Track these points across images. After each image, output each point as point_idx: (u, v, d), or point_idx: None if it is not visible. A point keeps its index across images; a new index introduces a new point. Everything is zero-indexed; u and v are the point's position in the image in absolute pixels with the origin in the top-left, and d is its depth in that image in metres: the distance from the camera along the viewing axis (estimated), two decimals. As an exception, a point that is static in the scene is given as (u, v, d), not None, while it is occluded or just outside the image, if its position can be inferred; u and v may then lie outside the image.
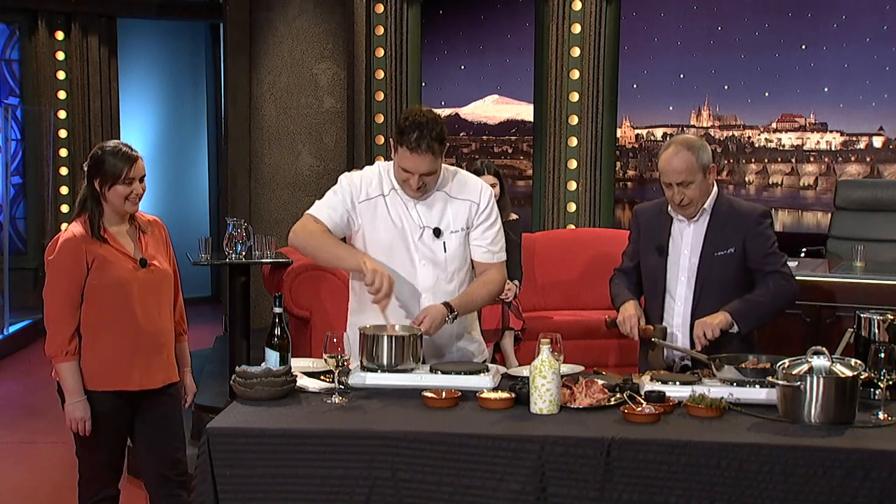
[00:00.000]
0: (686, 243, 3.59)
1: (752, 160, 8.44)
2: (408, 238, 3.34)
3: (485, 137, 9.08)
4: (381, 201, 3.35)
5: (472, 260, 3.45)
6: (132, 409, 3.48)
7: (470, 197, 3.40)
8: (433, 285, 3.35)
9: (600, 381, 3.03)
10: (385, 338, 3.13)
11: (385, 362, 3.12)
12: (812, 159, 8.22)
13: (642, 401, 2.89)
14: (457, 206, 3.38)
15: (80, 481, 3.51)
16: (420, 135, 3.18)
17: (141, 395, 3.47)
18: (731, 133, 8.45)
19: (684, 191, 3.48)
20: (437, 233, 3.35)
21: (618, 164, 8.35)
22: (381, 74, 7.94)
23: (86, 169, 3.40)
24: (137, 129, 10.31)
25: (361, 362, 3.17)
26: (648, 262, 3.67)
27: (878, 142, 7.97)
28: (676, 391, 2.96)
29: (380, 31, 7.91)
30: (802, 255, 6.21)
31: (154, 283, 3.45)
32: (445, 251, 3.36)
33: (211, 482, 2.72)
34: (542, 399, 2.84)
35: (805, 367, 2.79)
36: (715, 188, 3.58)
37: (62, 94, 9.81)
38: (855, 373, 2.78)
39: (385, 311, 3.22)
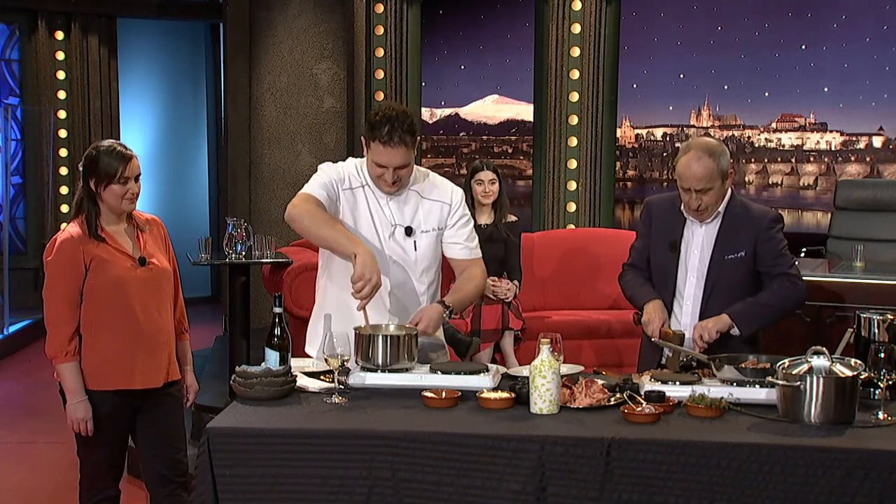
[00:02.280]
0: (697, 244, 3.57)
1: (752, 160, 8.44)
2: (378, 235, 3.34)
3: (485, 137, 9.08)
4: (360, 192, 3.37)
5: (444, 260, 3.45)
6: (133, 408, 3.48)
7: (441, 198, 3.41)
8: (401, 284, 3.35)
9: (600, 381, 3.03)
10: (380, 338, 3.12)
11: (380, 362, 3.11)
12: (812, 159, 8.22)
13: (642, 401, 2.89)
14: (429, 206, 3.39)
15: (81, 481, 3.50)
16: (392, 128, 3.19)
17: (142, 395, 3.47)
18: (730, 133, 8.45)
19: (702, 196, 3.45)
20: (409, 231, 3.36)
21: (618, 164, 8.35)
22: (380, 74, 7.94)
23: (81, 169, 3.40)
24: (137, 129, 10.31)
25: (357, 362, 3.15)
26: (659, 258, 3.65)
27: (877, 142, 7.97)
28: (676, 391, 2.95)
29: (380, 30, 7.91)
30: (802, 255, 6.21)
31: (153, 281, 3.45)
32: (416, 250, 3.36)
33: (211, 482, 2.72)
34: (542, 399, 2.84)
35: (805, 366, 2.79)
36: (729, 190, 3.57)
37: (62, 94, 9.81)
38: (855, 373, 2.78)
39: (361, 310, 3.15)
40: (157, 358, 3.46)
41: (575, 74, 7.68)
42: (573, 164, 7.74)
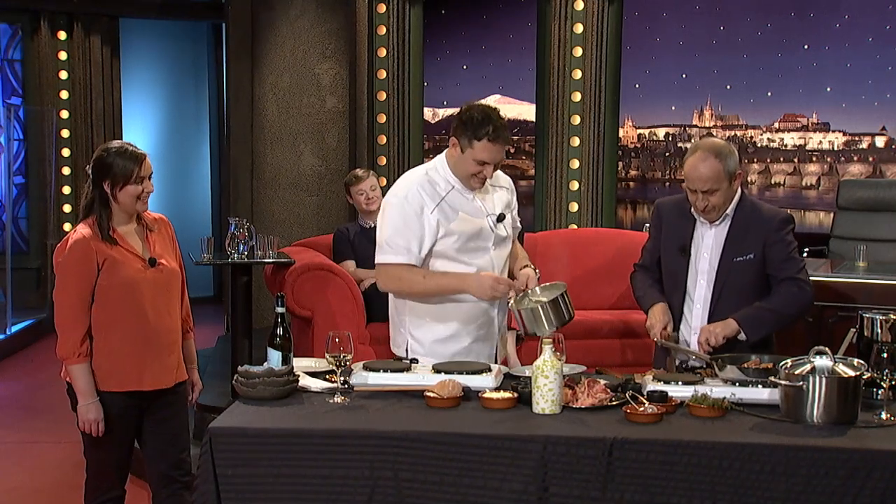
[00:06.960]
0: (706, 246, 3.56)
1: (755, 160, 8.43)
2: (485, 226, 3.52)
3: (487, 137, 9.06)
4: (453, 197, 3.49)
5: None
6: (141, 409, 3.48)
7: (504, 184, 3.66)
8: (502, 265, 3.57)
9: (602, 381, 3.03)
10: (540, 306, 3.27)
11: (547, 327, 3.24)
12: (814, 159, 8.22)
13: (644, 401, 2.89)
14: (500, 193, 3.62)
15: (87, 481, 3.50)
16: (495, 126, 3.36)
17: (151, 395, 3.46)
18: (733, 133, 8.44)
19: (709, 198, 3.44)
20: (501, 217, 3.55)
21: (620, 164, 8.34)
22: (383, 74, 7.93)
23: (91, 172, 3.39)
24: (140, 129, 10.32)
25: (524, 333, 3.36)
26: (669, 261, 3.64)
27: (880, 142, 7.96)
28: (679, 391, 2.96)
29: (382, 30, 7.91)
30: (805, 254, 6.21)
31: (163, 282, 3.45)
32: (506, 232, 3.58)
33: (213, 482, 2.72)
34: (545, 399, 2.84)
35: (807, 367, 2.79)
36: (739, 191, 3.55)
37: (64, 94, 9.81)
38: (857, 373, 2.78)
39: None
40: (166, 359, 3.45)
41: (577, 74, 7.67)
42: (575, 164, 7.73)
